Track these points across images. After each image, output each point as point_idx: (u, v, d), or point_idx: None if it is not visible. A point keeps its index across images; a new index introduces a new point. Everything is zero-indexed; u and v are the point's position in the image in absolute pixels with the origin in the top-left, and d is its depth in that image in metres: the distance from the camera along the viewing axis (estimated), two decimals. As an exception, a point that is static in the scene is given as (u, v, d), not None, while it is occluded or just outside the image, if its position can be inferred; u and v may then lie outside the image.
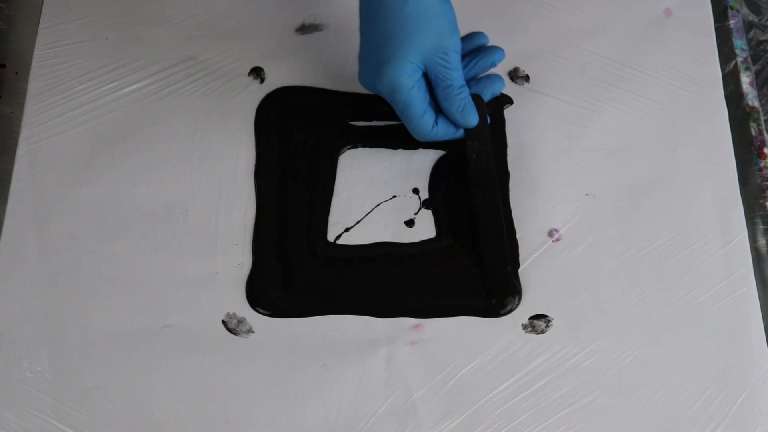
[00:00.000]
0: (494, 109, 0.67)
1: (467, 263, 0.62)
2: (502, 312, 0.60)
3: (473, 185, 0.63)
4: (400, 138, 0.65)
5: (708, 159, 0.67)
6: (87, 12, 0.69)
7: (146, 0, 0.70)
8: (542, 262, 0.62)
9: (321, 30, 0.70)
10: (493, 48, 0.64)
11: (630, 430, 0.57)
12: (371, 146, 0.66)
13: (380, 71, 0.58)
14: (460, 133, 0.62)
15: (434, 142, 0.64)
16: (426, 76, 0.60)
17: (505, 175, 0.65)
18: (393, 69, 0.58)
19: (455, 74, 0.60)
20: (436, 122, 0.60)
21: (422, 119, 0.60)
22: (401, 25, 0.57)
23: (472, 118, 0.60)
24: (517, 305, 0.60)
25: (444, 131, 0.61)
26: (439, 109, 0.61)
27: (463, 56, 0.62)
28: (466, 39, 0.63)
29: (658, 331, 0.60)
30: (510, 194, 0.64)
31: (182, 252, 0.61)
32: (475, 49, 0.64)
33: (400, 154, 0.66)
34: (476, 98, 0.62)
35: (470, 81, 0.63)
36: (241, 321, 0.59)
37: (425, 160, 0.66)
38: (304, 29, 0.70)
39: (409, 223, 0.64)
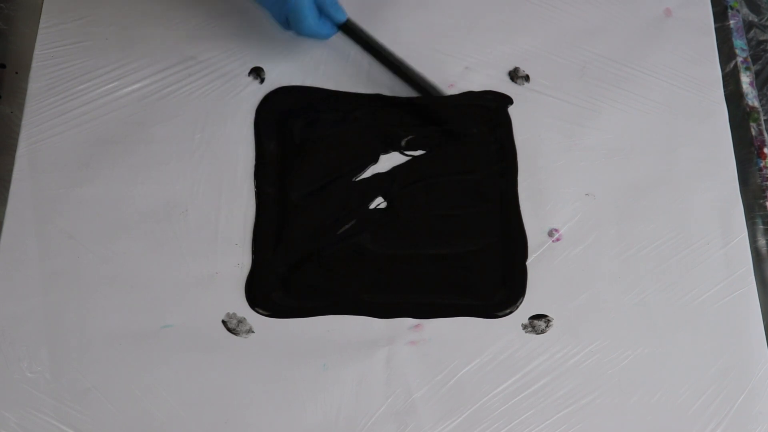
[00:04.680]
0: (499, 109, 0.67)
1: (468, 263, 0.62)
2: (500, 313, 0.60)
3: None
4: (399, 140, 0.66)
5: (708, 159, 0.67)
6: (87, 12, 0.69)
7: (146, 0, 0.70)
8: (542, 262, 0.62)
9: (321, 30, 0.70)
10: None
11: (630, 430, 0.57)
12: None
13: None
14: (334, 31, 0.66)
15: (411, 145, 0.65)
16: None
17: (514, 169, 0.65)
18: None
19: None
20: (319, 17, 0.65)
21: (312, 10, 0.64)
22: None
23: (343, 13, 0.66)
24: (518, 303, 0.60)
25: (322, 26, 0.65)
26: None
27: None
28: None
29: (658, 331, 0.60)
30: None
31: (182, 252, 0.61)
32: None
33: (400, 155, 0.66)
34: None
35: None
36: (241, 321, 0.59)
37: (425, 160, 0.66)
38: (304, 29, 0.70)
39: (409, 223, 0.64)
